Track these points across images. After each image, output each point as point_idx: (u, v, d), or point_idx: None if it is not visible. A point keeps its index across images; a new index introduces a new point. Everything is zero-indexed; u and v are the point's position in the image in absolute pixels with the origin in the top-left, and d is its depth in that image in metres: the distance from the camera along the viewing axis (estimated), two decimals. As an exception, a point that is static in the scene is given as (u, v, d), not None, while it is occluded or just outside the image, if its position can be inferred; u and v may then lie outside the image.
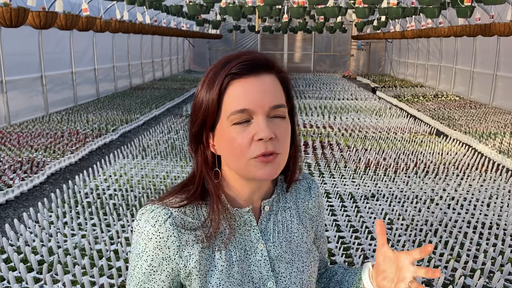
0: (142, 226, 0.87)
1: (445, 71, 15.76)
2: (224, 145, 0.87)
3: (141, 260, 0.87)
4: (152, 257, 0.86)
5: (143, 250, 0.87)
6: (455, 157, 6.85)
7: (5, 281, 3.21)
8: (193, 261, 0.86)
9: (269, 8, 8.70)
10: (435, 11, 8.11)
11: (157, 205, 0.89)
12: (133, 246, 0.89)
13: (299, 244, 0.99)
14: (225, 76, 0.84)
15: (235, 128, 0.84)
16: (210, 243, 0.88)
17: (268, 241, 0.95)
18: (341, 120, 10.17)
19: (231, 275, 0.88)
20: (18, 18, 5.69)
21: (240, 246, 0.91)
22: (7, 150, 6.69)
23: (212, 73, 0.87)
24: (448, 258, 3.66)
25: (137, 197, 4.96)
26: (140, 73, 17.16)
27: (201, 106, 0.87)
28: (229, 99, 0.84)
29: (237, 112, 0.83)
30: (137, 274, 0.88)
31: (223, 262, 0.88)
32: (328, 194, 5.18)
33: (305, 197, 1.05)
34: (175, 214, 0.87)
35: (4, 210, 4.93)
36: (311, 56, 24.60)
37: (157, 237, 0.85)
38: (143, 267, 0.87)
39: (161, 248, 0.86)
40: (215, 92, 0.85)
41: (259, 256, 0.92)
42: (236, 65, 0.84)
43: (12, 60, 8.80)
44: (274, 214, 0.98)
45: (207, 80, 0.88)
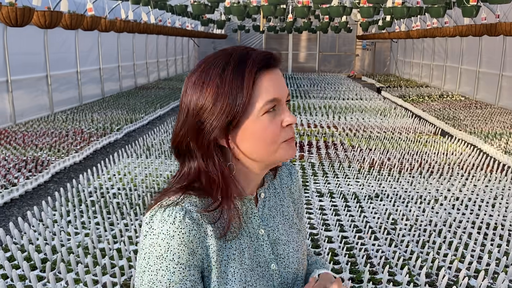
0: (159, 227, 0.85)
1: (451, 71, 15.69)
2: (252, 136, 0.89)
3: (166, 261, 0.85)
4: (179, 254, 0.85)
5: (166, 250, 0.85)
6: (460, 158, 6.81)
7: (9, 279, 3.22)
8: (211, 251, 0.88)
9: (273, 7, 8.69)
10: (440, 10, 8.08)
11: (167, 203, 0.88)
12: (147, 250, 0.86)
13: (291, 225, 1.06)
14: (256, 71, 0.88)
15: (266, 117, 0.89)
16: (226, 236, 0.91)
17: (267, 226, 1.01)
18: (345, 120, 10.15)
19: (243, 262, 0.92)
20: (24, 17, 5.72)
21: (245, 233, 0.95)
22: (12, 149, 6.72)
23: (232, 69, 0.88)
24: (452, 259, 3.63)
25: (140, 196, 4.97)
26: (145, 72, 17.20)
27: (228, 102, 0.87)
28: (259, 90, 0.88)
29: (269, 102, 0.89)
30: (163, 276, 0.85)
31: (234, 251, 0.92)
32: (331, 194, 5.16)
33: (287, 182, 1.12)
34: (189, 209, 0.87)
35: (9, 208, 4.95)
36: (316, 56, 24.57)
37: (179, 234, 0.85)
38: (171, 267, 0.85)
39: (185, 244, 0.85)
40: (248, 86, 0.87)
41: (261, 241, 0.98)
42: (260, 59, 0.89)
43: (18, 59, 8.84)
44: (268, 200, 1.04)
45: (226, 77, 0.87)
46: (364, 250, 3.80)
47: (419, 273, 3.40)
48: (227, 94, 0.87)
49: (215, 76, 0.88)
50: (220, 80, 0.88)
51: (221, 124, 0.88)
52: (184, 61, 22.88)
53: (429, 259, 3.53)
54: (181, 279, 0.85)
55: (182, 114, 0.92)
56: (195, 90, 0.90)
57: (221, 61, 0.89)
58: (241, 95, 0.87)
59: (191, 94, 0.91)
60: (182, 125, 0.92)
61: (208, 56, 0.95)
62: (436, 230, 4.20)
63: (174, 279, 0.85)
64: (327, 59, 24.62)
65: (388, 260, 3.63)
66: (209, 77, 0.89)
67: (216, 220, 0.89)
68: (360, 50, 24.44)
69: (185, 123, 0.91)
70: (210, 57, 0.93)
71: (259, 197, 1.01)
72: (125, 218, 4.40)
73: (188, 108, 0.91)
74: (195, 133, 0.90)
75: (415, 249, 3.83)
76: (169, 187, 0.95)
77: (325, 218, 4.43)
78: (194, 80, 0.91)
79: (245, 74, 0.87)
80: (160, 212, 0.87)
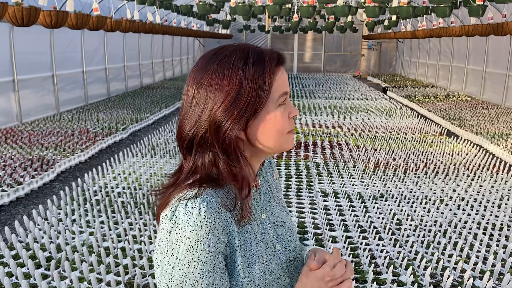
0: (184, 220, 0.86)
1: (457, 71, 15.61)
2: (268, 127, 0.95)
3: (197, 252, 0.86)
4: (209, 243, 0.87)
5: (197, 240, 0.86)
6: (466, 158, 6.77)
7: (14, 277, 3.24)
8: (233, 237, 0.92)
9: (278, 7, 8.69)
10: (446, 10, 8.04)
11: (185, 198, 0.89)
12: (174, 246, 0.87)
13: (281, 208, 1.13)
14: (275, 65, 0.95)
15: (280, 108, 0.96)
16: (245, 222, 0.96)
17: (266, 211, 1.06)
18: (350, 120, 10.12)
19: (258, 244, 0.98)
20: (30, 17, 5.75)
21: (253, 218, 1.00)
22: (18, 148, 6.76)
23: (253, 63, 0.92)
24: (457, 259, 3.61)
25: (145, 195, 4.99)
26: (151, 72, 17.25)
27: (252, 95, 0.91)
28: (276, 84, 0.95)
29: (283, 94, 0.96)
30: (196, 268, 0.86)
31: (249, 235, 0.97)
32: (336, 194, 5.15)
33: (269, 169, 1.17)
34: (210, 199, 0.89)
35: (15, 207, 4.98)
36: (321, 56, 24.52)
37: (207, 223, 0.86)
38: (202, 257, 0.86)
39: (213, 232, 0.87)
40: (269, 80, 0.93)
41: (265, 225, 1.03)
42: (274, 56, 0.96)
43: (24, 59, 8.90)
44: (262, 187, 1.09)
45: (249, 70, 0.91)
46: (369, 250, 3.79)
47: (424, 273, 3.38)
48: (251, 88, 0.91)
49: (237, 70, 0.90)
50: (243, 74, 0.90)
51: (244, 119, 0.91)
52: (189, 61, 22.92)
53: (434, 260, 3.51)
54: (213, 267, 0.88)
55: (195, 108, 0.92)
56: (214, 84, 0.90)
57: (239, 55, 0.92)
58: (263, 88, 0.92)
59: (209, 88, 0.91)
60: (197, 120, 0.92)
61: (217, 49, 0.96)
62: (441, 230, 4.18)
63: (207, 268, 0.87)
64: (332, 59, 24.57)
65: (393, 260, 3.62)
66: (231, 71, 0.90)
67: (232, 208, 0.93)
68: (366, 50, 24.37)
69: (200, 118, 0.91)
70: (222, 51, 0.94)
71: (256, 184, 1.06)
72: (129, 217, 4.42)
73: (206, 102, 0.91)
74: (214, 129, 0.91)
75: (420, 249, 3.81)
76: (177, 182, 0.96)
77: (329, 218, 4.42)
78: (212, 73, 0.91)
79: (265, 69, 0.93)
80: (182, 206, 0.88)
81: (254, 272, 0.94)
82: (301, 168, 6.16)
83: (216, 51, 0.95)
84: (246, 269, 0.93)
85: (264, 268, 0.97)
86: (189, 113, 0.93)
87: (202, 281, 0.87)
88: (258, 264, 0.95)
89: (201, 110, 0.91)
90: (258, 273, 0.95)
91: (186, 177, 0.95)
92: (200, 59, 0.96)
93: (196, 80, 0.93)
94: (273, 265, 0.99)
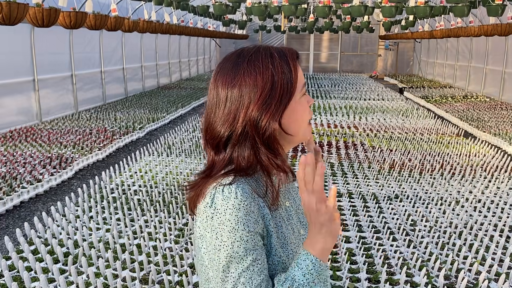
0: (223, 205, 0.93)
1: (475, 71, 15.38)
2: (295, 115, 1.02)
3: (239, 232, 0.92)
4: (247, 224, 0.93)
5: (237, 222, 0.92)
6: (483, 159, 6.68)
7: (33, 271, 3.33)
8: (268, 219, 0.98)
9: (294, 7, 8.69)
10: (464, 9, 7.94)
11: (221, 186, 0.95)
12: (217, 230, 0.93)
13: (300, 198, 1.16)
14: (296, 59, 1.03)
15: (303, 98, 1.04)
16: (275, 208, 1.03)
17: (289, 199, 1.13)
18: (366, 120, 10.06)
19: (287, 228, 1.05)
20: (50, 18, 5.87)
21: (279, 205, 1.06)
22: (38, 146, 6.91)
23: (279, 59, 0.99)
24: (472, 261, 3.58)
25: (161, 194, 5.05)
26: (168, 73, 17.40)
27: (284, 87, 0.98)
28: (298, 76, 1.02)
29: (304, 85, 1.04)
30: (239, 247, 0.92)
31: (279, 219, 1.04)
32: (350, 195, 5.14)
33: None
34: (243, 185, 0.95)
35: (34, 203, 5.10)
36: (337, 56, 24.41)
37: (244, 205, 0.93)
38: (244, 237, 0.92)
39: (250, 214, 0.94)
40: (295, 72, 1.01)
41: (289, 211, 1.11)
42: (293, 51, 1.04)
43: (44, 59, 9.08)
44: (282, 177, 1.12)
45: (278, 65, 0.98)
46: (382, 250, 3.78)
47: (438, 275, 3.36)
48: (282, 80, 0.98)
49: (267, 66, 0.98)
50: (274, 68, 0.98)
51: (282, 108, 0.98)
52: (205, 61, 23.04)
53: (448, 261, 3.49)
54: (253, 245, 0.94)
55: (226, 107, 0.97)
56: (248, 81, 0.96)
57: (264, 53, 1.00)
58: (291, 80, 1.00)
59: (243, 86, 0.96)
60: (233, 118, 0.97)
61: (239, 50, 1.02)
62: (456, 232, 4.14)
63: (249, 247, 0.93)
64: (349, 60, 24.43)
65: (406, 261, 3.60)
66: (262, 68, 0.97)
67: (264, 195, 1.00)
68: (383, 50, 24.17)
69: (236, 116, 0.97)
70: (246, 52, 1.01)
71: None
72: (145, 214, 4.48)
73: (240, 100, 0.96)
74: (254, 124, 0.96)
75: (434, 250, 3.79)
76: (211, 174, 1.00)
77: (343, 218, 4.41)
78: (243, 72, 0.97)
79: (289, 63, 1.00)
80: (219, 192, 0.94)
81: (288, 252, 1.02)
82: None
83: (240, 53, 1.01)
84: (281, 249, 1.01)
85: (295, 249, 1.05)
86: (220, 113, 0.98)
87: (247, 257, 0.93)
88: (290, 245, 1.04)
89: (237, 109, 0.97)
90: (291, 253, 1.03)
91: (219, 169, 1.01)
92: (224, 62, 1.01)
93: (227, 81, 0.98)
94: (299, 248, 1.06)
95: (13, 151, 6.54)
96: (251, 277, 0.93)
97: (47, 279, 3.19)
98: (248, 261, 0.93)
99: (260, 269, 0.94)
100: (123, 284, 3.15)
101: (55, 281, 3.19)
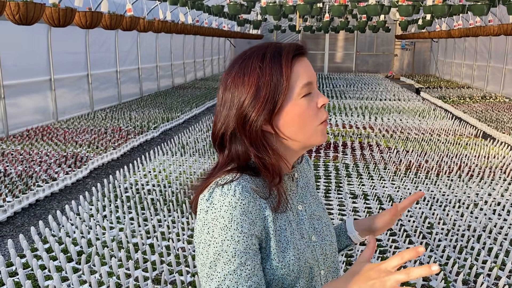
0: (220, 200, 0.91)
1: (494, 71, 15.09)
2: (293, 119, 0.97)
3: (231, 231, 0.90)
4: (242, 224, 0.90)
5: (230, 220, 0.90)
6: (503, 161, 6.53)
7: (46, 270, 3.34)
8: (268, 222, 0.96)
9: (309, 7, 8.63)
10: (483, 8, 7.78)
11: (222, 182, 0.94)
12: (210, 225, 0.91)
13: (318, 203, 1.15)
14: (292, 58, 0.97)
15: (304, 100, 0.97)
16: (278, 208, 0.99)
17: (304, 203, 1.10)
18: (382, 121, 9.94)
19: (293, 233, 1.01)
20: (66, 18, 5.92)
21: (289, 208, 1.04)
22: (53, 145, 6.97)
23: (269, 59, 0.96)
24: (491, 266, 3.48)
25: (174, 193, 5.04)
26: (182, 72, 17.47)
27: (270, 89, 0.95)
28: (296, 76, 0.97)
29: (305, 85, 0.97)
30: (229, 246, 0.90)
31: (285, 222, 1.00)
32: (366, 196, 5.07)
33: (306, 167, 1.21)
34: (245, 184, 0.94)
35: (49, 202, 5.14)
36: (353, 56, 24.22)
37: (240, 204, 0.91)
38: (235, 237, 0.90)
39: (246, 214, 0.91)
40: (287, 73, 0.96)
41: (301, 216, 1.07)
42: (293, 48, 0.98)
43: (60, 59, 9.17)
44: (300, 180, 1.13)
45: (266, 67, 0.95)
46: (398, 253, 3.70)
47: (456, 279, 3.28)
48: (268, 83, 0.95)
49: (254, 68, 0.96)
50: (260, 71, 0.96)
51: (266, 112, 0.96)
52: (220, 61, 23.08)
53: (466, 265, 3.40)
54: (245, 247, 0.91)
55: (224, 108, 0.99)
56: (237, 84, 0.97)
57: (257, 54, 0.98)
58: (280, 82, 0.95)
59: (233, 88, 0.98)
60: (225, 118, 0.99)
61: (243, 52, 1.02)
62: (475, 235, 4.04)
63: (239, 248, 0.90)
64: (364, 59, 24.22)
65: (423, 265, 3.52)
66: (249, 70, 0.96)
67: (267, 196, 0.98)
68: (399, 50, 23.91)
69: (228, 116, 0.98)
70: (246, 52, 1.01)
71: (293, 177, 1.10)
72: (158, 214, 4.48)
73: (232, 102, 0.98)
74: (241, 124, 0.97)
75: (452, 254, 3.70)
76: (216, 171, 1.01)
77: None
78: (234, 74, 0.98)
79: (282, 62, 0.96)
80: (219, 188, 0.93)
81: (288, 258, 0.97)
82: (330, 169, 6.09)
83: (241, 54, 1.01)
84: (281, 254, 0.97)
85: (299, 256, 0.99)
86: (220, 113, 1.01)
87: (234, 259, 0.90)
88: (292, 250, 0.98)
89: (229, 109, 0.98)
90: (292, 259, 0.98)
91: (222, 166, 1.01)
92: (230, 63, 1.03)
93: (224, 83, 1.01)
94: (307, 254, 1.01)
95: (30, 150, 6.62)
96: (237, 281, 0.89)
97: (61, 277, 3.20)
98: (235, 264, 0.89)
99: (248, 275, 0.90)
100: (136, 284, 3.13)
101: (68, 280, 3.20)
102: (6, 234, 4.29)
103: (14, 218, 4.66)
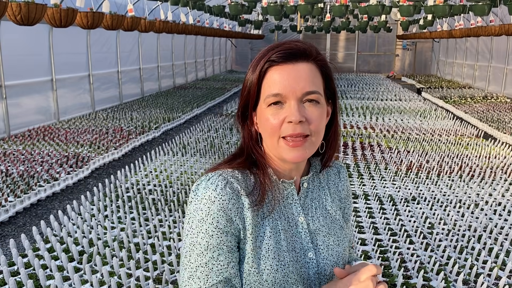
0: (202, 193, 0.93)
1: (496, 71, 15.07)
2: (261, 124, 0.98)
3: (206, 224, 0.91)
4: (218, 219, 0.91)
5: (207, 214, 0.91)
6: (504, 161, 6.53)
7: (48, 269, 3.35)
8: (247, 223, 0.94)
9: (310, 7, 8.63)
10: (485, 8, 7.77)
11: (212, 174, 0.97)
12: (191, 215, 0.93)
13: (333, 220, 1.07)
14: (265, 62, 0.95)
15: (270, 109, 0.94)
16: (259, 209, 0.96)
17: (307, 215, 1.04)
18: (383, 121, 9.94)
19: (278, 242, 0.96)
20: (67, 18, 5.93)
21: (284, 217, 1.00)
22: (55, 145, 6.99)
23: (257, 58, 0.98)
24: (492, 266, 3.49)
25: (175, 193, 5.06)
26: (183, 73, 17.48)
27: (246, 86, 0.99)
28: (267, 83, 0.95)
29: (272, 95, 0.94)
30: (202, 239, 0.91)
31: (270, 229, 0.96)
32: (366, 196, 5.07)
33: (335, 179, 1.14)
34: (231, 180, 0.95)
35: (51, 202, 5.15)
36: (354, 56, 24.21)
37: (219, 200, 0.92)
38: (209, 230, 0.91)
39: (224, 210, 0.92)
40: (256, 76, 0.96)
41: (300, 228, 1.01)
42: (275, 53, 0.94)
43: (62, 59, 9.19)
44: (311, 191, 1.07)
45: (253, 64, 0.99)
46: (399, 253, 3.71)
47: (456, 279, 3.29)
48: (246, 83, 0.99)
49: (250, 65, 1.01)
50: (250, 69, 0.99)
51: (241, 109, 1.01)
52: (221, 61, 23.08)
53: (467, 265, 3.40)
54: (218, 243, 0.91)
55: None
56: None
57: (258, 54, 1.00)
58: (252, 85, 0.97)
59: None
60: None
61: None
62: (475, 235, 4.05)
63: (212, 242, 0.91)
64: (366, 59, 24.21)
65: (424, 264, 3.53)
66: (249, 66, 1.01)
67: (250, 194, 0.96)
68: (400, 50, 23.88)
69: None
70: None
71: (301, 186, 1.06)
72: (159, 214, 4.49)
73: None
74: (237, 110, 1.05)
75: (453, 254, 3.70)
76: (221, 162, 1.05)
77: (358, 220, 4.35)
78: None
79: (257, 68, 0.96)
80: (205, 181, 0.96)
81: (264, 266, 0.94)
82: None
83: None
84: (256, 259, 0.94)
85: (278, 267, 0.94)
86: None
87: (207, 253, 0.91)
88: (271, 260, 0.94)
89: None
90: (268, 268, 0.93)
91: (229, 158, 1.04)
92: None
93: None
94: (290, 269, 0.96)
95: (31, 150, 6.63)
96: (208, 274, 0.90)
97: (62, 277, 3.21)
98: (207, 257, 0.91)
99: (219, 270, 0.91)
100: (137, 284, 3.15)
101: (70, 280, 3.21)
102: (8, 234, 4.31)
103: (16, 218, 4.68)
